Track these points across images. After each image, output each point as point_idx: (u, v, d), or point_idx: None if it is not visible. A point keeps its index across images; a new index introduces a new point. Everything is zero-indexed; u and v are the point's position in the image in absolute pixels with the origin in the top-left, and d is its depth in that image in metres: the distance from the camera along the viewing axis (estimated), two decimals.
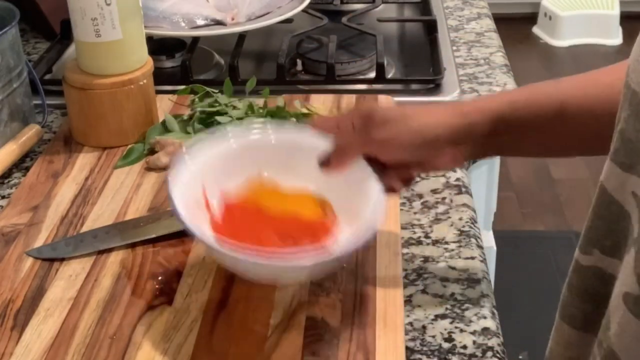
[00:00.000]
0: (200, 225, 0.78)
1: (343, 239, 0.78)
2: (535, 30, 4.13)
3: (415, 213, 0.97)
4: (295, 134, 0.86)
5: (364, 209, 0.78)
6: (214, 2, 1.34)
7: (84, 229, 0.93)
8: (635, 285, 0.61)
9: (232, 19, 1.30)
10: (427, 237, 0.92)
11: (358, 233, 0.75)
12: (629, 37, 3.96)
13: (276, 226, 0.79)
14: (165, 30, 1.29)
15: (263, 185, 0.84)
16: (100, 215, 0.95)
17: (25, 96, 1.11)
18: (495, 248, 1.45)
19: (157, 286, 0.83)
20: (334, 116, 1.03)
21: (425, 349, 0.77)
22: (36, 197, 0.98)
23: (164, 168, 1.03)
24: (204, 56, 1.38)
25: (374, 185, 0.79)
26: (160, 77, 1.19)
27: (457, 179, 1.03)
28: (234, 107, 1.09)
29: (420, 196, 1.00)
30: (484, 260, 0.89)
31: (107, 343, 0.76)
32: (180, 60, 1.29)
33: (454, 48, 1.40)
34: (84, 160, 1.05)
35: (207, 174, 0.82)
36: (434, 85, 1.24)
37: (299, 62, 1.33)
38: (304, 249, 0.76)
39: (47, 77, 1.30)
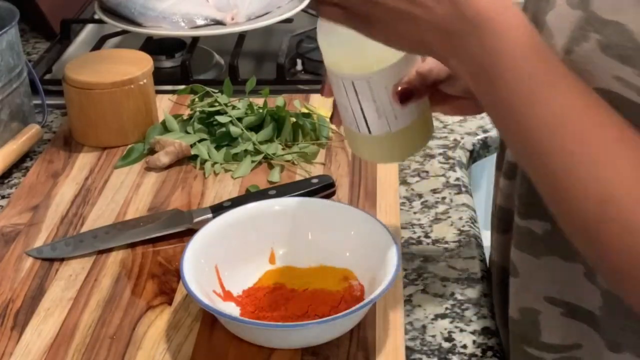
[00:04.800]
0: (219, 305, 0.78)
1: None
2: None
3: (415, 213, 0.97)
4: (308, 204, 0.86)
5: (384, 274, 0.76)
6: (214, 2, 1.34)
7: (84, 229, 0.93)
8: None
9: (232, 19, 1.30)
10: (427, 236, 0.92)
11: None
12: None
13: (305, 303, 0.78)
14: (165, 30, 1.29)
15: (280, 272, 0.84)
16: (100, 215, 0.95)
17: (25, 96, 1.11)
18: None
19: (157, 286, 0.83)
20: None
21: (425, 348, 0.77)
22: (36, 197, 0.98)
23: (164, 168, 1.03)
24: (204, 56, 1.38)
25: (392, 250, 0.78)
26: (160, 77, 1.19)
27: (457, 179, 1.03)
28: (234, 107, 1.09)
29: (420, 196, 1.00)
30: (484, 260, 0.89)
31: (107, 343, 0.76)
32: (180, 60, 1.29)
33: None
34: (84, 160, 1.05)
35: (219, 252, 0.82)
36: None
37: (299, 62, 1.33)
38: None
39: (47, 77, 1.30)
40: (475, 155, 1.12)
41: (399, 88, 0.72)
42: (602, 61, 0.59)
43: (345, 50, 0.70)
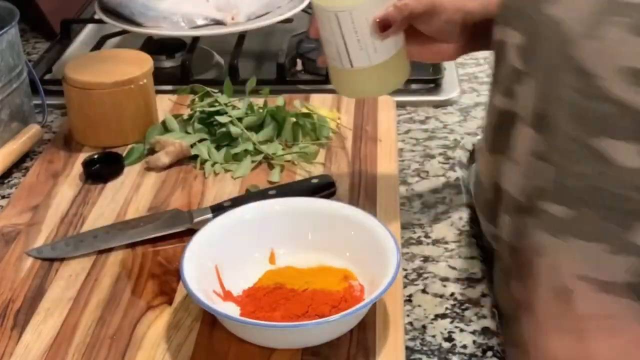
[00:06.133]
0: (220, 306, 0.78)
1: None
2: None
3: (415, 213, 0.97)
4: (308, 204, 0.87)
5: (384, 274, 0.76)
6: (214, 2, 1.34)
7: (84, 229, 0.93)
8: None
9: (232, 19, 1.30)
10: (427, 236, 0.92)
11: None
12: None
13: (305, 303, 0.78)
14: (165, 30, 1.29)
15: (280, 272, 0.83)
16: (100, 215, 0.95)
17: (25, 96, 1.11)
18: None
19: (157, 286, 0.83)
20: None
21: (425, 348, 0.77)
22: (36, 197, 0.98)
23: (164, 168, 1.03)
24: (204, 56, 1.38)
25: (392, 250, 0.78)
26: (160, 77, 1.19)
27: (457, 179, 1.03)
28: (234, 107, 1.09)
29: (420, 196, 1.00)
30: (484, 260, 0.89)
31: (107, 343, 0.76)
32: (180, 60, 1.29)
33: None
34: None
35: (219, 252, 0.82)
36: (434, 85, 1.24)
37: (299, 62, 1.33)
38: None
39: (47, 77, 1.30)
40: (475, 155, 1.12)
41: (378, 19, 0.82)
42: (633, 42, 0.63)
43: None
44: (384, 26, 0.82)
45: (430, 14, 0.84)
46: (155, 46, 1.34)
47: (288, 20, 1.35)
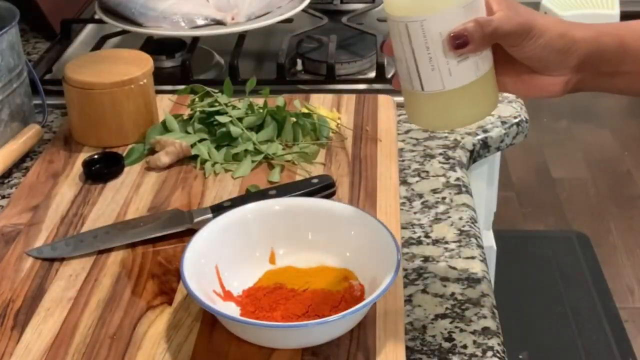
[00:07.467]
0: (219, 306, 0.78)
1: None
2: None
3: (415, 213, 0.97)
4: (308, 204, 0.86)
5: (384, 274, 0.76)
6: (214, 2, 1.34)
7: (84, 229, 0.93)
8: None
9: (232, 19, 1.30)
10: (427, 236, 0.93)
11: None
12: None
13: (305, 303, 0.78)
14: (165, 30, 1.29)
15: (280, 272, 0.83)
16: (100, 215, 0.95)
17: (25, 96, 1.11)
18: (495, 248, 1.45)
19: (157, 286, 0.84)
20: None
21: (425, 348, 0.77)
22: (36, 197, 0.98)
23: (164, 168, 1.03)
24: (204, 56, 1.38)
25: (392, 250, 0.78)
26: (160, 77, 1.19)
27: (457, 179, 1.03)
28: (234, 107, 1.09)
29: (420, 196, 1.00)
30: (484, 260, 0.89)
31: (108, 343, 0.76)
32: (180, 60, 1.29)
33: None
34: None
35: (219, 252, 0.82)
36: None
37: (299, 62, 1.33)
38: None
39: (47, 77, 1.30)
40: (475, 155, 1.12)
41: (453, 34, 0.69)
42: None
43: None
44: (459, 44, 0.69)
45: (522, 35, 0.70)
46: (155, 46, 1.35)
47: (288, 20, 1.35)
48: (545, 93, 0.75)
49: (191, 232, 0.86)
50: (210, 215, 0.91)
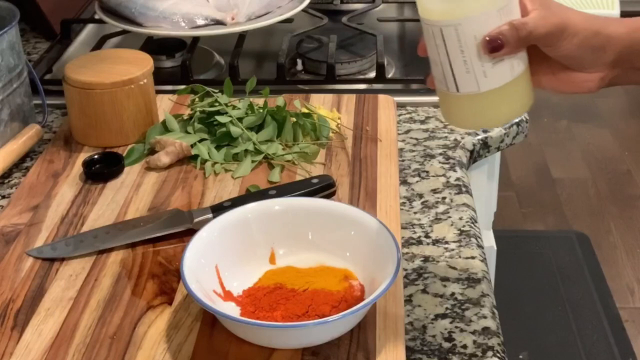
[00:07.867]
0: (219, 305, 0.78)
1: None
2: None
3: (415, 213, 0.97)
4: (308, 204, 0.86)
5: (384, 274, 0.76)
6: (214, 2, 1.34)
7: (84, 228, 0.93)
8: None
9: (232, 19, 1.30)
10: (427, 236, 0.93)
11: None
12: None
13: (305, 303, 0.78)
14: (165, 30, 1.29)
15: (280, 272, 0.83)
16: (100, 215, 0.95)
17: (25, 96, 1.11)
18: (495, 248, 1.45)
19: (157, 286, 0.84)
20: None
21: (425, 348, 0.77)
22: (36, 197, 0.98)
23: (165, 168, 1.03)
24: (204, 56, 1.38)
25: (392, 250, 0.78)
26: (161, 77, 1.19)
27: (457, 179, 1.03)
28: (234, 107, 1.09)
29: (420, 196, 1.00)
30: (484, 260, 0.89)
31: (108, 343, 0.76)
32: (180, 60, 1.29)
33: None
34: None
35: (219, 252, 0.82)
36: None
37: (299, 61, 1.33)
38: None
39: (47, 77, 1.30)
40: (475, 155, 1.12)
41: (488, 37, 0.69)
42: None
43: None
44: (494, 47, 0.69)
45: (557, 36, 0.71)
46: (155, 46, 1.35)
47: (288, 20, 1.35)
48: (581, 89, 0.75)
49: (191, 232, 0.86)
50: (210, 215, 0.91)
